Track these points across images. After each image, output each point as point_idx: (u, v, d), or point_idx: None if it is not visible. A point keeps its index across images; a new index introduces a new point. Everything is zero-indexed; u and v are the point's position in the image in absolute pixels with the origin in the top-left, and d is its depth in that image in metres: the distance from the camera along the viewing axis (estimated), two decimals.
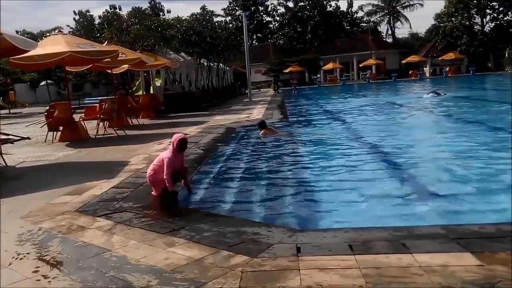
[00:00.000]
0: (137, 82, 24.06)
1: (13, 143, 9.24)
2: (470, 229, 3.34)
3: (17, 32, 43.21)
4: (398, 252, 2.89)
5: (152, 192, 4.88)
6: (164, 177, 4.76)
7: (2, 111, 28.07)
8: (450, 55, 44.91)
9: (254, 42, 61.73)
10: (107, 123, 11.94)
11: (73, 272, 2.91)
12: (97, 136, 11.19)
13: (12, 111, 29.43)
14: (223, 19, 47.87)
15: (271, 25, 63.56)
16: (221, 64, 30.48)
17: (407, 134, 9.91)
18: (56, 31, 12.32)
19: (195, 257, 3.02)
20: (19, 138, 8.96)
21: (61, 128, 10.94)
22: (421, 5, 59.65)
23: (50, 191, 5.32)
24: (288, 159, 7.63)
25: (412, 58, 48.33)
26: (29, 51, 7.76)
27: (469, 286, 2.39)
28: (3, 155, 7.81)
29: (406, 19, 61.84)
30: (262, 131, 10.12)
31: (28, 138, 9.92)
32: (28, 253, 3.31)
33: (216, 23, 25.82)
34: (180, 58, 22.72)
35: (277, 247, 3.13)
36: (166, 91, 20.95)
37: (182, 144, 4.96)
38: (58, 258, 3.19)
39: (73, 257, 3.18)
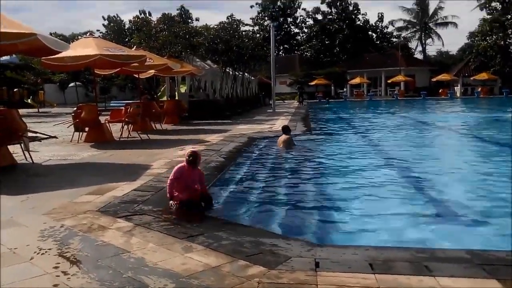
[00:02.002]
0: (162, 88, 24.51)
1: (41, 141, 9.54)
2: (496, 256, 3.25)
3: (50, 34, 44.83)
4: (420, 274, 2.84)
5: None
6: (167, 185, 4.80)
7: (31, 110, 29.04)
8: (483, 75, 43.97)
9: (280, 53, 62.05)
10: (132, 126, 12.19)
11: (92, 270, 2.98)
12: (121, 139, 11.42)
13: (40, 110, 30.38)
14: (250, 28, 48.38)
15: (299, 37, 63.84)
16: (246, 74, 30.74)
17: (437, 155, 9.74)
18: (88, 34, 12.72)
19: (212, 264, 3.04)
20: (47, 136, 9.23)
21: (87, 129, 11.23)
22: (455, 24, 58.64)
23: (74, 190, 5.47)
24: (309, 172, 7.61)
25: (443, 77, 47.54)
26: (60, 52, 8.04)
27: None
28: (30, 152, 8.08)
29: (439, 36, 61.10)
30: (281, 140, 10.12)
31: (55, 137, 10.23)
32: (49, 249, 3.40)
33: (244, 32, 26.13)
34: (206, 66, 23.05)
35: (295, 260, 3.12)
36: (191, 98, 21.27)
37: (191, 156, 4.81)
38: (78, 255, 3.27)
39: (93, 256, 3.25)
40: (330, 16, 58.61)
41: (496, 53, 44.19)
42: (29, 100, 34.58)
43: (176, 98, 20.99)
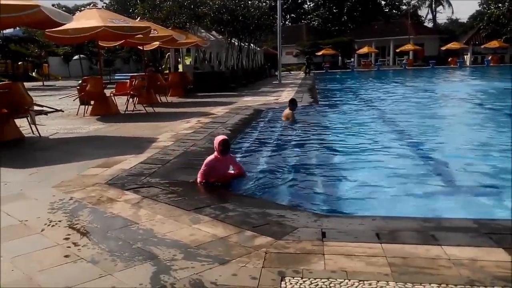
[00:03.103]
0: (165, 60, 24.27)
1: (47, 115, 9.59)
2: (503, 225, 3.25)
3: (52, 5, 44.21)
4: (426, 243, 2.86)
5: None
6: (199, 172, 4.66)
7: (36, 83, 29.05)
8: (494, 43, 42.98)
9: (287, 22, 60.96)
10: (137, 99, 12.18)
11: (102, 241, 3.03)
12: (126, 112, 11.44)
13: (45, 83, 30.38)
14: None
15: (306, 6, 62.52)
16: (252, 45, 30.31)
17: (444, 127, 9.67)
18: (91, 5, 12.51)
19: (219, 235, 3.08)
20: (53, 110, 9.27)
21: (92, 102, 11.25)
22: None
23: (81, 163, 5.53)
24: (314, 145, 7.60)
25: (453, 45, 46.57)
26: (64, 24, 7.95)
27: (499, 282, 2.35)
28: (37, 125, 8.13)
29: (450, 3, 59.48)
30: (286, 113, 10.04)
31: (61, 110, 10.27)
32: (59, 221, 3.47)
33: (249, 2, 25.59)
34: (211, 37, 22.72)
35: (302, 230, 3.15)
36: (196, 70, 21.09)
37: (223, 145, 4.65)
38: (88, 227, 3.33)
39: (102, 227, 3.31)
40: None
41: (508, 20, 42.95)
42: (33, 73, 34.56)
43: (180, 70, 20.82)
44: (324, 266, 2.56)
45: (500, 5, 43.16)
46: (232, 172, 4.91)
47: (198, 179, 4.70)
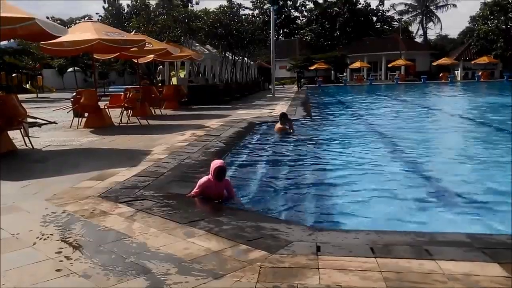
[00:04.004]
0: (158, 72, 24.33)
1: (40, 127, 9.53)
2: (497, 239, 3.26)
3: (47, 18, 44.29)
4: (420, 257, 2.85)
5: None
6: (191, 193, 4.63)
7: (30, 95, 28.91)
8: (484, 59, 43.71)
9: (280, 37, 61.56)
10: (131, 111, 12.15)
11: (94, 255, 2.99)
12: (120, 124, 11.41)
13: (39, 95, 30.25)
14: (250, 12, 47.83)
15: (299, 21, 63.27)
16: (245, 59, 30.52)
17: (436, 140, 9.75)
18: (86, 18, 12.55)
19: (213, 249, 3.05)
20: (46, 122, 9.22)
21: (86, 114, 11.20)
22: (455, 6, 58.07)
23: (75, 175, 5.48)
24: (308, 157, 7.62)
25: (444, 61, 47.27)
26: (59, 37, 7.95)
27: None
28: (30, 137, 8.06)
29: (439, 20, 60.57)
30: (277, 128, 10.13)
31: (54, 122, 10.22)
32: (51, 234, 3.42)
33: (243, 16, 25.87)
34: (205, 50, 22.86)
35: (297, 244, 3.13)
36: (190, 83, 21.15)
37: (218, 172, 4.57)
38: (80, 241, 3.28)
39: (95, 241, 3.27)
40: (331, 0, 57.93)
41: (497, 36, 43.80)
42: (27, 85, 34.40)
43: (173, 83, 20.84)
44: (319, 281, 2.54)
45: (488, 21, 44.05)
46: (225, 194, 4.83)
47: (192, 194, 4.68)
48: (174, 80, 22.48)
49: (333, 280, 2.55)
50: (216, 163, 4.70)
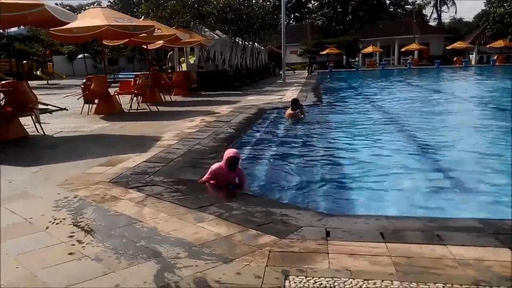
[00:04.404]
0: (168, 58, 24.28)
1: (51, 113, 9.64)
2: (509, 225, 3.23)
3: (56, 4, 44.41)
4: (431, 242, 2.85)
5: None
6: (202, 178, 4.65)
7: (41, 82, 29.18)
8: (500, 43, 42.68)
9: (291, 21, 60.87)
10: (141, 98, 12.20)
11: (106, 239, 3.04)
12: (130, 111, 11.48)
13: (49, 82, 30.51)
14: None
15: (310, 5, 62.38)
16: (256, 44, 30.31)
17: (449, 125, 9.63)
18: (95, 4, 12.56)
19: (223, 234, 3.08)
20: (57, 108, 9.32)
21: (96, 101, 11.28)
22: None
23: (85, 161, 5.55)
24: (319, 143, 7.60)
25: (458, 45, 46.34)
26: (69, 23, 7.97)
27: (505, 282, 2.33)
28: (41, 124, 8.17)
29: (454, 2, 59.23)
30: (288, 113, 10.11)
31: (65, 109, 10.33)
32: (64, 219, 3.48)
33: (254, 1, 25.61)
34: (215, 36, 22.74)
35: (306, 229, 3.14)
36: (200, 69, 21.12)
37: (231, 162, 4.55)
38: (92, 225, 3.34)
39: (106, 225, 3.32)
40: None
41: None
42: (38, 72, 34.71)
43: (183, 69, 20.81)
44: (329, 265, 2.56)
45: (505, 4, 42.89)
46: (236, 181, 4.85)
47: (202, 180, 4.71)
48: (183, 66, 22.45)
49: (342, 264, 2.56)
50: (229, 152, 4.66)
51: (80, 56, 39.65)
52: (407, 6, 58.67)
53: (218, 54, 24.11)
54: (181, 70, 20.85)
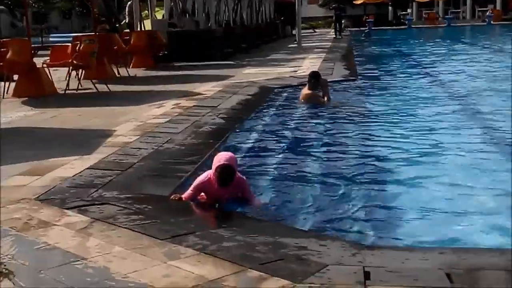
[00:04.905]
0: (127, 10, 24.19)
1: None
2: None
3: None
4: None
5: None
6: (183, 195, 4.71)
7: None
8: None
9: None
10: (83, 72, 12.20)
11: (32, 286, 3.05)
12: (67, 91, 11.50)
13: None
14: None
15: None
16: None
17: None
18: None
19: (208, 277, 3.08)
20: None
21: (16, 77, 11.28)
22: None
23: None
24: (352, 141, 7.62)
25: None
26: None
27: None
28: None
29: None
30: (305, 95, 10.10)
31: None
32: None
33: None
34: None
35: (334, 269, 3.15)
36: (171, 28, 21.09)
37: (222, 175, 4.55)
38: (11, 265, 3.34)
39: (32, 265, 3.32)
40: None
41: None
42: None
43: (146, 28, 20.76)
44: None
45: None
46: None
47: (183, 197, 4.74)
48: (147, 24, 22.42)
49: None
50: (220, 158, 4.65)
51: None
52: None
53: (199, 5, 24.09)
54: (143, 29, 20.84)
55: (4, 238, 3.78)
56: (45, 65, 11.90)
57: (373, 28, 42.21)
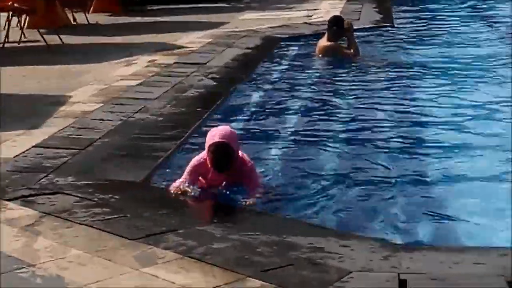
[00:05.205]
0: None
1: None
2: None
3: None
4: None
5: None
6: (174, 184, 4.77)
7: None
8: None
9: None
10: (27, 19, 12.13)
11: None
12: (6, 44, 11.46)
13: None
14: None
15: None
16: None
17: None
18: None
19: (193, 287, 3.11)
20: None
21: None
22: None
23: None
24: (382, 107, 7.63)
25: None
26: None
27: None
28: None
29: None
30: (323, 47, 10.03)
31: None
32: None
33: None
34: None
35: (359, 277, 3.17)
36: None
37: (216, 156, 4.64)
38: None
39: None
40: None
41: None
42: None
43: None
44: None
45: None
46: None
47: (172, 188, 4.77)
48: None
49: None
50: (214, 134, 4.72)
51: None
52: None
53: None
54: None
55: None
56: None
57: None
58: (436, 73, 9.47)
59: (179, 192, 4.68)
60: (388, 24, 13.85)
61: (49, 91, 7.70)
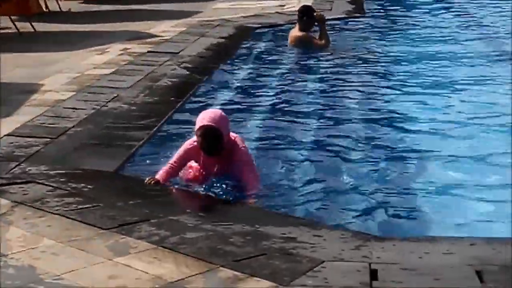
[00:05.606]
0: None
1: None
2: None
3: None
4: None
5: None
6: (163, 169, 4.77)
7: None
8: None
9: None
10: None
11: None
12: None
13: None
14: None
15: None
16: None
17: None
18: None
19: (168, 278, 3.09)
20: None
21: None
22: None
23: None
24: (353, 97, 7.65)
25: None
26: None
27: None
28: None
29: None
30: (295, 37, 10.05)
31: None
32: None
33: None
34: None
35: (331, 267, 3.17)
36: None
37: (205, 138, 4.63)
38: None
39: None
40: None
41: None
42: None
43: None
44: None
45: None
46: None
47: (159, 176, 4.71)
48: None
49: None
50: (204, 116, 4.72)
51: None
52: None
53: None
54: None
55: None
56: None
57: None
58: (403, 61, 9.53)
59: (152, 183, 4.63)
60: (358, 14, 13.85)
61: (21, 79, 7.65)
